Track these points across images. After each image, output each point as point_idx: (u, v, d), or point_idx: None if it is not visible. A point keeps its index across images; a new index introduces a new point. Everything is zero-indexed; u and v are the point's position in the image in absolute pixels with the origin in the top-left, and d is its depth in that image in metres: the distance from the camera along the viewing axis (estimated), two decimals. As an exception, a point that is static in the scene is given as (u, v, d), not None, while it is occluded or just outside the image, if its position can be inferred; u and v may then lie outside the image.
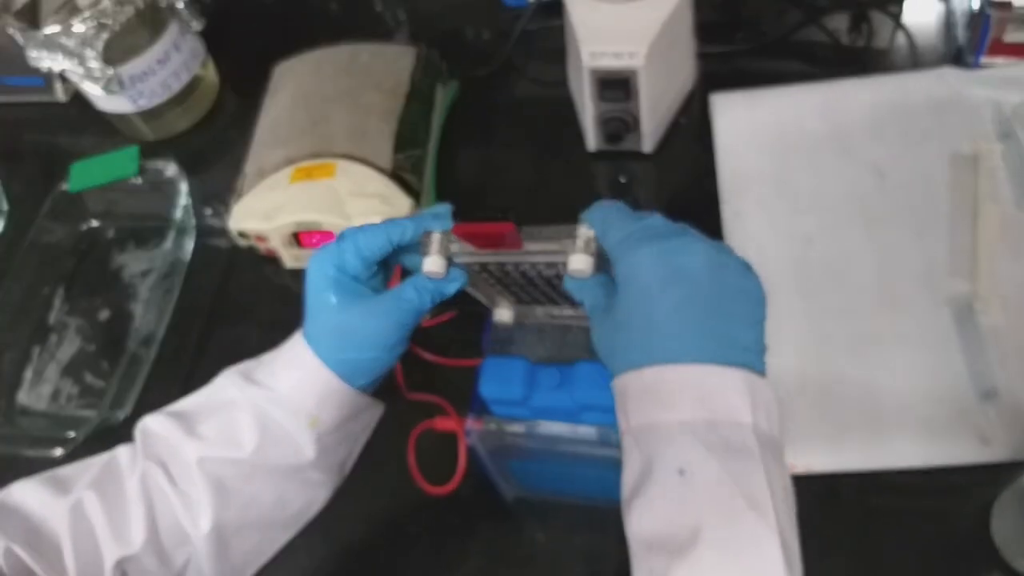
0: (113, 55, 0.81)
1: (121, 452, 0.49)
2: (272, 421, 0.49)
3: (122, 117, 0.90)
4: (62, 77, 0.97)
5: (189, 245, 0.83)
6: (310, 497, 0.52)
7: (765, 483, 0.37)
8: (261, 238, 0.77)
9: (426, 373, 0.69)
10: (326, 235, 0.74)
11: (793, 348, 0.63)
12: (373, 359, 0.50)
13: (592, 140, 0.78)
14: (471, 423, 0.52)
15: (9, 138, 0.98)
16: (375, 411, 0.54)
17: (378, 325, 0.49)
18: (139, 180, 0.84)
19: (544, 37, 0.89)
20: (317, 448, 0.49)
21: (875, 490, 0.59)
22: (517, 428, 0.52)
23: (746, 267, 0.41)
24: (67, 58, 0.79)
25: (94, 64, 0.79)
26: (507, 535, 0.63)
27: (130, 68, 0.82)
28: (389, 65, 0.82)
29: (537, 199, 0.80)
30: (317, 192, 0.74)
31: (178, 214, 0.80)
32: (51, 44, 0.79)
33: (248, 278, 0.81)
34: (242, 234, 0.77)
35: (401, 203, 0.73)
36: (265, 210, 0.75)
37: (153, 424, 0.49)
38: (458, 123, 0.85)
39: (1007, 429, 0.58)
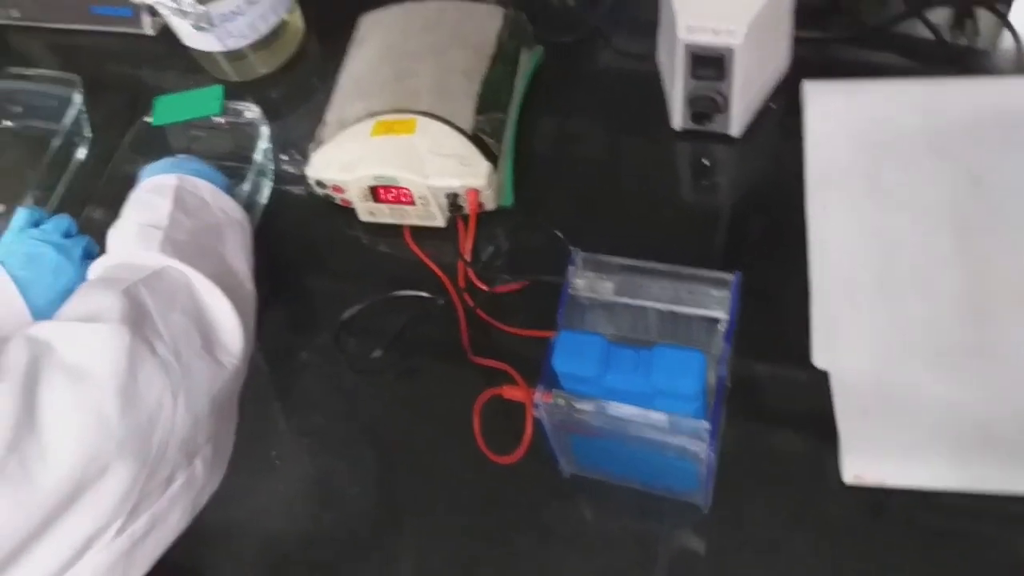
0: (205, -9, 0.81)
1: None
2: None
3: (207, 55, 0.90)
4: (151, 10, 0.98)
5: (267, 189, 0.83)
6: None
7: None
8: (338, 188, 0.77)
9: (494, 340, 0.69)
10: (403, 191, 0.74)
11: (871, 353, 0.62)
12: None
13: (678, 118, 0.76)
14: (540, 395, 0.52)
15: (94, 67, 0.99)
16: None
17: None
18: (221, 119, 0.84)
19: (634, 6, 0.86)
20: None
21: (924, 507, 0.58)
22: (586, 405, 0.51)
23: None
24: (160, -8, 0.80)
25: (186, 0, 0.80)
26: (560, 510, 0.63)
27: (220, 6, 0.82)
28: (476, 24, 0.81)
29: (615, 175, 0.78)
30: (397, 147, 0.74)
31: (258, 157, 0.81)
32: (146, -23, 0.79)
33: (322, 227, 0.82)
34: (319, 183, 0.78)
35: (479, 166, 0.73)
36: (344, 161, 0.75)
37: None
38: (539, 90, 0.83)
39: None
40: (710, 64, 0.68)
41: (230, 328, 0.57)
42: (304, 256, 0.81)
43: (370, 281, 0.77)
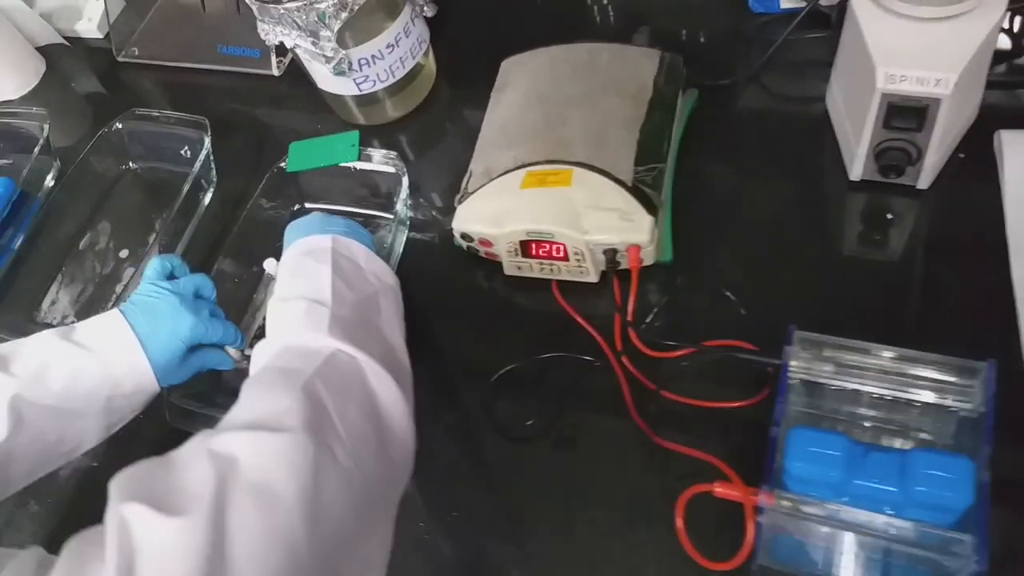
0: (344, 36, 0.78)
1: None
2: (81, 377, 0.60)
3: (337, 99, 0.87)
4: (278, 51, 0.96)
5: (402, 238, 0.80)
6: (80, 442, 0.63)
7: None
8: (486, 242, 0.73)
9: (655, 408, 0.63)
10: (556, 246, 0.69)
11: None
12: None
13: (858, 168, 0.69)
14: (764, 498, 0.46)
15: (217, 108, 0.98)
16: (153, 392, 0.65)
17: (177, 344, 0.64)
18: (355, 165, 0.81)
19: (797, 46, 0.80)
20: (106, 407, 0.62)
21: None
22: (815, 509, 0.45)
23: None
24: (300, 35, 0.77)
25: (328, 44, 0.77)
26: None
27: (361, 51, 0.79)
28: (631, 68, 0.76)
29: (784, 229, 0.72)
30: (551, 201, 0.69)
31: (400, 208, 0.77)
32: (286, 19, 0.77)
33: (460, 279, 0.77)
34: (465, 236, 0.73)
35: (642, 221, 0.67)
36: (493, 214, 0.71)
37: None
38: (694, 136, 0.78)
39: None
40: (909, 115, 0.62)
41: (401, 419, 0.53)
42: (442, 310, 0.76)
43: (516, 339, 0.72)
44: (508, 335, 0.74)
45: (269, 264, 0.79)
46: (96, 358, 0.62)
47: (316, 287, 0.59)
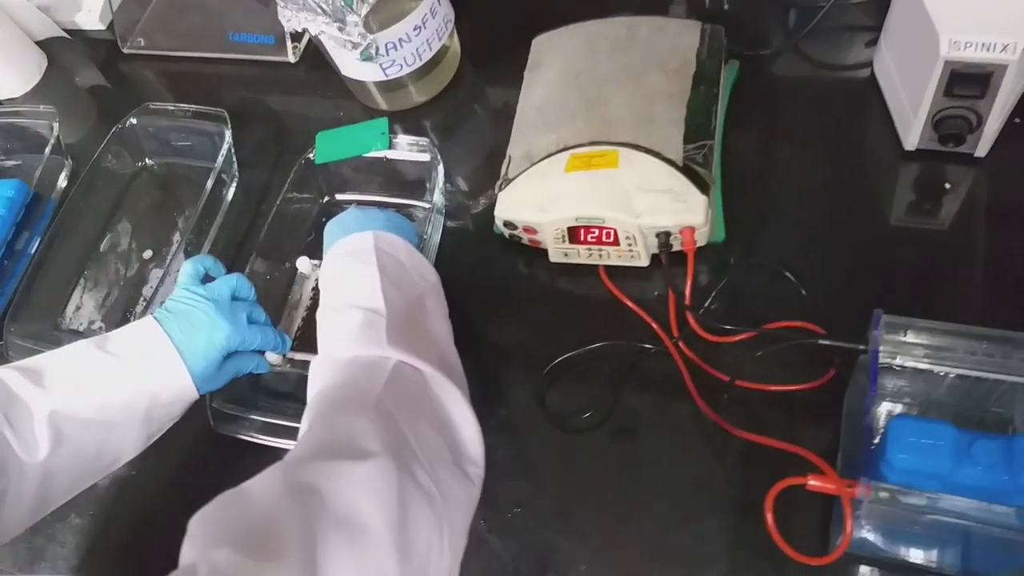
0: (368, 20, 0.75)
1: None
2: (118, 388, 0.59)
3: (359, 84, 0.84)
4: (293, 37, 0.93)
5: (439, 227, 0.77)
6: (120, 454, 0.62)
7: None
8: (530, 229, 0.70)
9: (741, 401, 0.62)
10: (606, 231, 0.67)
11: None
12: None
13: (914, 138, 0.67)
14: (862, 490, 0.44)
15: (232, 98, 0.94)
16: (192, 399, 0.63)
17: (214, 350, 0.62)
18: (385, 154, 0.78)
19: (836, 13, 0.77)
20: (145, 418, 0.60)
21: None
22: (915, 500, 0.44)
23: None
24: (326, 21, 0.74)
25: (355, 29, 0.74)
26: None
27: (387, 35, 0.76)
28: (671, 42, 0.73)
29: (836, 202, 0.70)
30: (599, 184, 0.67)
31: (436, 197, 0.74)
32: (310, 5, 0.73)
33: (502, 267, 0.75)
34: (508, 223, 0.71)
35: (695, 201, 0.65)
36: (538, 200, 0.69)
37: (2, 375, 0.57)
38: (737, 109, 0.75)
39: None
40: (972, 82, 0.60)
41: (469, 427, 0.51)
42: (485, 300, 0.74)
43: (565, 327, 0.71)
44: (556, 323, 0.72)
45: (302, 263, 0.77)
46: (133, 368, 0.60)
47: (367, 293, 0.57)
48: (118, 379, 0.60)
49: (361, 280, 0.58)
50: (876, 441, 0.50)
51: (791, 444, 0.54)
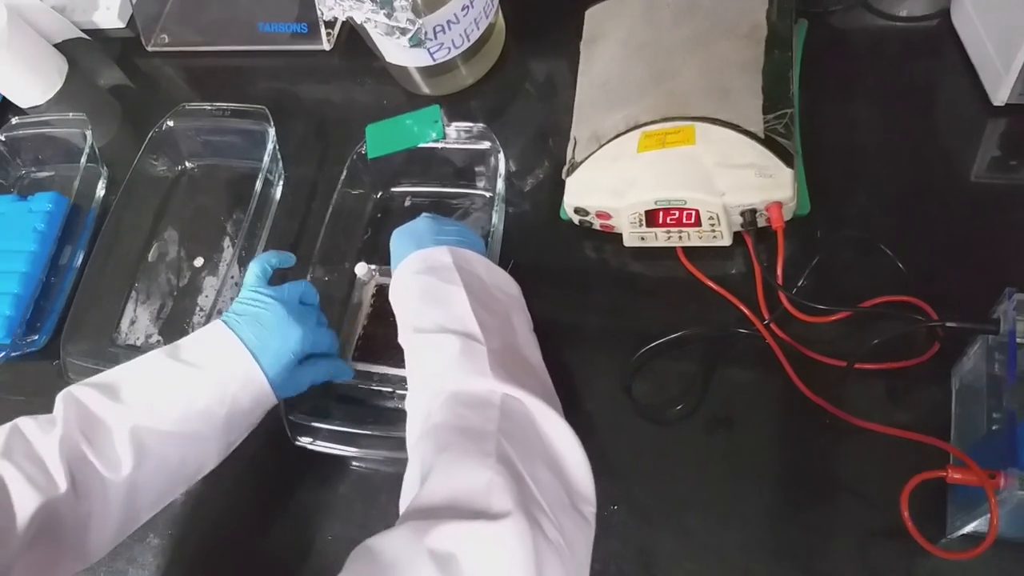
0: (418, 3, 0.71)
1: (22, 423, 0.55)
2: (196, 398, 0.58)
3: (402, 70, 0.81)
4: (327, 24, 0.89)
5: (500, 215, 0.74)
6: (202, 463, 0.61)
7: None
8: (604, 215, 0.67)
9: (821, 381, 0.59)
10: (687, 212, 0.64)
11: None
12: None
13: (1004, 92, 0.64)
14: (1007, 481, 0.42)
15: (268, 92, 0.91)
16: (270, 405, 0.62)
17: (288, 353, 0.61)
18: (439, 144, 0.75)
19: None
20: (225, 426, 0.59)
21: None
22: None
23: None
24: (373, 8, 0.70)
25: (403, 15, 0.70)
26: None
27: (435, 18, 0.72)
28: (738, 5, 0.69)
29: (926, 166, 0.67)
30: (676, 163, 0.64)
31: (500, 187, 0.71)
32: (354, -7, 0.70)
33: (572, 254, 0.72)
34: (580, 210, 0.68)
35: (781, 175, 0.62)
36: (612, 184, 0.66)
37: (79, 394, 0.57)
38: (809, 70, 0.72)
39: None
40: (1079, 28, 0.56)
41: (579, 463, 0.49)
42: (558, 289, 0.71)
43: (645, 314, 0.68)
44: (635, 309, 0.69)
45: (360, 269, 0.74)
46: (208, 375, 0.59)
47: (457, 316, 0.54)
48: (195, 387, 0.58)
49: (448, 301, 0.56)
50: (995, 428, 0.48)
51: (909, 432, 0.52)
